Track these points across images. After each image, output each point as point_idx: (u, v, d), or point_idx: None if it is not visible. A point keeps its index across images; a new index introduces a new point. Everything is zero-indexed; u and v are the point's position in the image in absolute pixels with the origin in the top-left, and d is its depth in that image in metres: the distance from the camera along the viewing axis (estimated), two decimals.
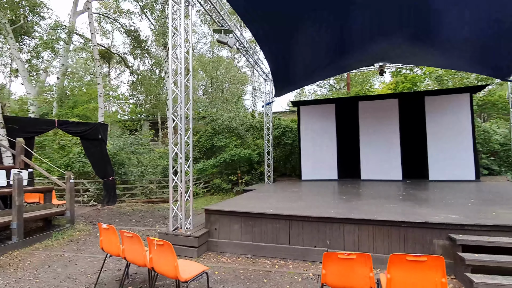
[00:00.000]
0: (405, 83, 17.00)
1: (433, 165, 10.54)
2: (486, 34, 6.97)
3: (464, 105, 10.35)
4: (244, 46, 8.58)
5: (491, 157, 12.97)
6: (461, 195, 7.07)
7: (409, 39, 7.73)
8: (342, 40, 7.46)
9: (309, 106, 12.21)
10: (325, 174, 11.43)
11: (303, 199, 6.81)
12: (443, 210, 5.08)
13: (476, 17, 6.51)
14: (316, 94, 24.45)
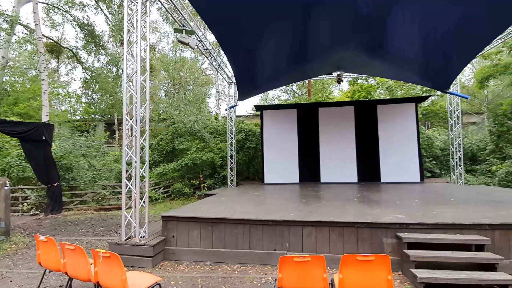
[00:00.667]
0: (361, 92, 18.19)
1: (384, 169, 11.36)
2: (427, 50, 7.76)
3: (410, 114, 11.36)
4: (207, 48, 8.44)
5: (433, 161, 14.38)
6: (408, 196, 7.69)
7: (363, 50, 8.28)
8: (302, 47, 7.71)
9: (272, 110, 12.42)
10: (287, 178, 11.66)
11: (265, 203, 6.84)
12: (392, 210, 5.46)
13: (418, 34, 7.21)
14: (280, 99, 25.03)
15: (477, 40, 7.52)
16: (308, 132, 11.82)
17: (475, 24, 6.62)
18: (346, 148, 11.56)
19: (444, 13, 6.39)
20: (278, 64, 8.62)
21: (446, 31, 6.89)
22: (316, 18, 6.63)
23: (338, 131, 11.64)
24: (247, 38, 7.01)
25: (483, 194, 7.72)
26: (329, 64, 9.93)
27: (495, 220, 4.40)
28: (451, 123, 11.13)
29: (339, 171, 11.50)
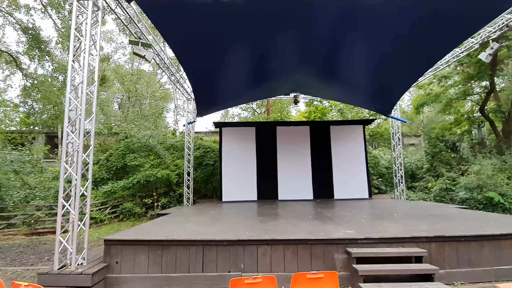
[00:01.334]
0: (316, 113, 19.28)
1: (337, 186, 11.96)
2: (371, 79, 8.64)
3: (359, 135, 12.31)
4: (165, 62, 8.26)
5: (379, 179, 15.57)
6: (358, 212, 8.14)
7: (316, 75, 8.89)
8: (261, 68, 7.98)
9: (231, 128, 12.46)
10: (245, 195, 11.58)
11: (221, 222, 6.65)
12: (343, 226, 5.69)
13: (364, 66, 8.01)
14: (240, 117, 25.29)
15: (412, 73, 8.59)
16: (266, 150, 12.03)
17: (410, 60, 7.59)
18: (302, 166, 11.97)
19: (384, 51, 7.24)
20: (237, 83, 8.77)
21: (387, 65, 7.78)
22: (274, 42, 6.97)
23: (295, 150, 12.05)
24: (207, 56, 7.05)
25: (421, 209, 8.51)
26: (287, 85, 10.41)
27: (431, 233, 4.83)
28: (393, 144, 12.29)
29: (296, 189, 11.79)
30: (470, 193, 10.55)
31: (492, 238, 4.77)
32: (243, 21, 6.10)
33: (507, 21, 7.06)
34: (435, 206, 9.18)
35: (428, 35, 6.61)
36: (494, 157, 12.80)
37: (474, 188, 10.61)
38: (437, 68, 9.75)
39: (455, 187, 11.53)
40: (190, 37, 6.34)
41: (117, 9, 5.98)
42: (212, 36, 6.33)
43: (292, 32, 6.60)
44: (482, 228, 5.27)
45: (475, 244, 4.72)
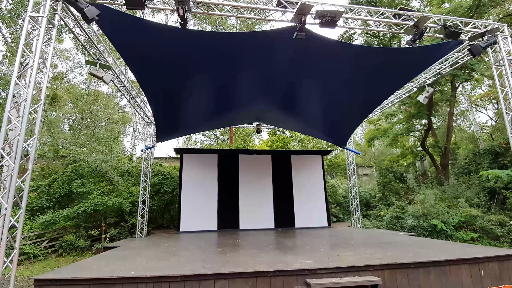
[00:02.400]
0: (278, 142, 19.85)
1: (298, 215, 12.05)
2: (328, 114, 9.32)
3: (318, 165, 12.82)
4: (124, 85, 7.98)
5: (337, 207, 16.11)
6: (317, 240, 8.21)
7: (277, 108, 9.31)
8: (224, 98, 8.13)
9: (193, 154, 12.16)
10: (205, 225, 11.06)
11: (177, 255, 6.18)
12: (303, 256, 5.65)
13: (321, 102, 8.65)
14: (204, 144, 24.94)
15: (362, 111, 9.48)
16: (228, 178, 11.85)
17: (360, 99, 8.41)
18: (264, 195, 11.94)
19: (337, 92, 7.97)
20: (200, 111, 8.79)
21: (341, 103, 8.50)
22: (236, 77, 7.24)
23: (257, 178, 12.06)
24: (169, 83, 7.02)
25: (375, 236, 8.89)
26: (250, 115, 10.69)
27: (384, 261, 5.01)
28: (349, 174, 12.98)
29: (258, 218, 11.62)
30: (417, 221, 11.35)
31: (437, 264, 5.09)
32: (207, 57, 6.29)
33: (439, 70, 8.25)
34: (387, 234, 9.66)
35: (375, 79, 7.44)
36: (435, 187, 14.15)
37: (420, 216, 11.46)
38: (384, 106, 10.82)
39: (404, 215, 12.35)
40: (152, 63, 6.31)
41: (75, 28, 5.76)
42: (175, 65, 6.38)
43: (254, 70, 6.95)
44: (428, 254, 5.61)
45: (423, 270, 4.98)
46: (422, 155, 18.40)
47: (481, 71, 14.11)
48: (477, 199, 12.10)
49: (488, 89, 20.69)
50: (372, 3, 13.77)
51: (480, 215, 10.72)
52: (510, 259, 5.46)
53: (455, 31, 6.04)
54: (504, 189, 11.61)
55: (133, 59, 6.28)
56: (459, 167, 15.96)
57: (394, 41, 14.35)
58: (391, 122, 18.60)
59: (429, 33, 6.33)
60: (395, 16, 6.09)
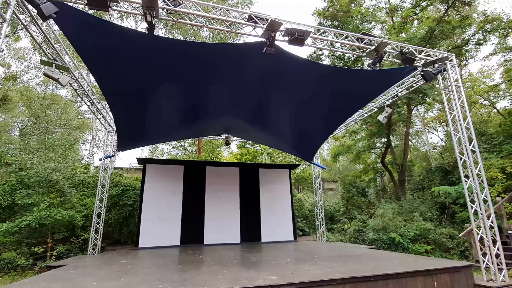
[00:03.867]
0: (248, 155, 19.82)
1: (264, 229, 11.93)
2: (296, 129, 9.54)
3: (285, 179, 12.95)
4: (84, 89, 7.47)
5: (303, 221, 16.27)
6: (282, 255, 8.13)
7: (247, 121, 9.33)
8: (192, 109, 7.96)
9: (157, 165, 11.60)
10: (166, 240, 10.46)
11: (131, 274, 5.70)
12: (266, 271, 5.52)
13: (290, 118, 8.85)
14: (170, 154, 24.09)
15: (328, 127, 9.85)
16: (194, 190, 11.45)
17: (325, 116, 8.75)
18: (230, 209, 11.69)
19: (303, 109, 8.23)
20: (166, 121, 8.49)
21: (309, 119, 8.76)
22: (206, 89, 7.17)
23: (224, 191, 11.80)
24: (133, 90, 6.72)
25: (338, 250, 9.04)
26: (219, 127, 10.57)
27: (346, 274, 5.06)
28: (315, 188, 13.26)
29: (223, 232, 11.29)
30: (377, 234, 11.82)
31: (395, 276, 5.26)
32: (176, 66, 6.16)
33: (396, 92, 8.90)
34: (349, 247, 9.89)
35: (340, 98, 7.82)
36: (394, 202, 14.97)
37: (380, 229, 11.96)
38: (348, 124, 11.36)
39: (366, 228, 12.81)
40: (116, 68, 6.01)
41: (30, 26, 5.30)
42: (141, 71, 6.14)
43: (224, 82, 6.95)
44: (387, 267, 5.79)
45: (382, 282, 5.11)
46: (382, 171, 19.49)
47: (432, 96, 15.55)
48: (430, 213, 12.99)
49: (439, 113, 22.81)
50: (338, 27, 14.68)
51: (433, 229, 11.47)
52: (460, 270, 5.83)
53: (410, 57, 6.60)
54: (453, 204, 12.60)
55: (95, 62, 5.92)
56: (414, 183, 17.13)
57: (358, 64, 15.34)
58: (355, 139, 19.59)
59: (388, 58, 6.84)
60: (358, 40, 6.50)
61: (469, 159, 6.44)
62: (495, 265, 5.85)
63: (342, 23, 14.94)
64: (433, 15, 15.49)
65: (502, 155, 12.01)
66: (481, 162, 6.48)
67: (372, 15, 15.82)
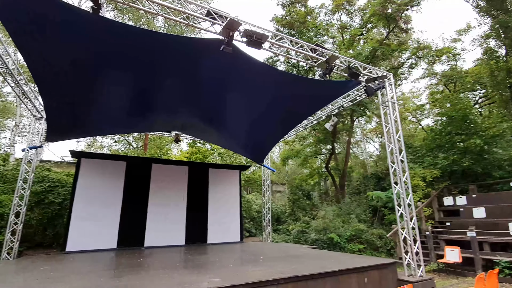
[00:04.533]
0: (198, 154, 19.29)
1: (211, 230, 11.69)
2: (248, 131, 9.60)
3: (236, 180, 12.92)
4: (8, 67, 6.38)
5: (251, 222, 16.44)
6: (228, 256, 8.06)
7: (200, 119, 9.06)
8: (139, 101, 7.42)
9: (94, 160, 10.47)
10: (100, 243, 9.51)
11: (52, 282, 5.00)
12: (210, 274, 5.39)
13: (243, 119, 8.87)
14: (112, 149, 22.11)
15: (280, 131, 10.14)
16: (136, 189, 10.65)
17: (277, 121, 9.00)
18: (176, 209, 11.19)
19: (257, 112, 8.34)
20: (108, 110, 7.73)
21: (262, 122, 8.89)
22: (159, 80, 6.74)
23: (170, 191, 11.24)
24: (71, 74, 5.97)
25: (282, 250, 9.33)
26: (168, 123, 10.06)
27: (288, 274, 5.22)
28: (264, 190, 13.52)
29: (167, 233, 10.73)
30: (318, 235, 12.56)
31: (332, 274, 5.62)
32: (123, 52, 5.68)
33: (342, 103, 9.60)
34: (293, 247, 10.30)
35: (292, 104, 8.11)
36: (334, 204, 16.11)
37: (321, 230, 12.73)
38: (298, 129, 11.86)
39: (309, 229, 13.51)
40: (51, 47, 5.27)
41: None
42: (81, 53, 5.49)
43: (177, 77, 6.64)
44: (325, 266, 6.15)
45: (321, 280, 5.40)
46: (326, 176, 20.84)
47: (372, 109, 17.22)
48: (364, 216, 14.30)
49: (376, 125, 25.35)
50: (295, 36, 15.30)
51: (366, 229, 12.63)
52: (387, 267, 6.50)
53: (356, 72, 7.18)
54: (383, 208, 14.06)
55: (23, 36, 5.09)
56: (352, 187, 18.70)
57: (310, 74, 16.19)
58: (303, 145, 20.59)
59: (337, 70, 7.33)
60: (311, 50, 6.82)
61: (399, 168, 7.24)
62: (415, 262, 6.66)
63: (298, 32, 15.61)
64: (376, 37, 17.22)
65: (423, 165, 13.84)
66: (408, 171, 7.35)
67: (325, 29, 16.88)
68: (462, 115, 13.44)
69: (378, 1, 14.56)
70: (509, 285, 7.36)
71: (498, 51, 15.17)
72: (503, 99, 14.90)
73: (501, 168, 12.52)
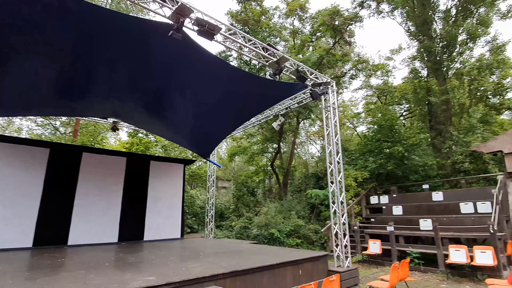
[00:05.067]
0: (139, 146, 17.99)
1: (149, 226, 11.02)
2: (196, 125, 9.33)
3: (179, 174, 12.40)
4: None
5: (193, 218, 16.06)
6: (166, 253, 7.70)
7: (144, 107, 8.44)
8: (71, 80, 6.58)
9: (9, 144, 8.85)
10: (11, 242, 8.15)
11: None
12: (145, 272, 5.08)
13: (191, 113, 8.57)
14: (33, 133, 19.12)
15: (228, 127, 10.09)
16: (62, 180, 9.40)
17: (226, 117, 8.94)
18: (110, 203, 10.24)
19: (209, 104, 8.17)
20: (27, 88, 6.67)
21: (210, 116, 8.72)
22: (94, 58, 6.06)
23: (103, 183, 10.21)
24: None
25: (224, 246, 9.33)
26: (105, 108, 9.13)
27: (227, 269, 5.22)
28: (208, 185, 13.31)
29: (97, 230, 9.75)
30: (260, 230, 12.91)
31: (270, 268, 5.82)
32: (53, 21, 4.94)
33: (289, 104, 9.99)
34: (234, 243, 10.38)
35: (242, 100, 8.14)
36: (277, 201, 16.74)
37: (263, 226, 13.11)
38: (246, 126, 11.97)
39: (251, 225, 13.79)
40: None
41: None
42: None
43: (119, 58, 6.07)
44: (264, 260, 6.34)
45: (259, 274, 5.55)
46: (271, 173, 21.52)
47: (316, 113, 18.35)
48: (303, 212, 15.19)
49: (319, 128, 27.13)
50: (248, 33, 15.37)
51: (304, 225, 13.43)
52: (319, 259, 7.00)
53: (303, 76, 7.53)
54: (320, 205, 15.14)
55: None
56: (294, 185, 19.70)
57: (261, 73, 16.46)
58: (251, 142, 20.88)
59: (286, 72, 7.58)
60: (264, 49, 6.92)
61: (335, 168, 7.86)
62: (343, 254, 7.31)
63: (252, 31, 15.72)
64: (324, 46, 18.40)
65: (356, 167, 15.32)
66: (343, 171, 8.04)
67: (278, 32, 17.36)
68: (390, 125, 15.29)
69: (327, 12, 15.54)
70: (418, 273, 8.62)
71: (421, 72, 17.63)
72: (422, 114, 17.38)
73: (416, 173, 14.61)
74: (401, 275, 5.63)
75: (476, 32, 15.03)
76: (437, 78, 15.67)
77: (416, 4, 16.50)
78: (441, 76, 15.76)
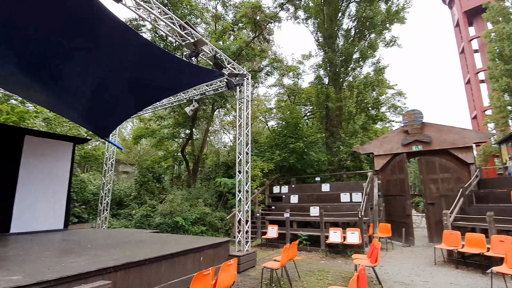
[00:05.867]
0: (12, 115, 14.28)
1: (19, 216, 8.98)
2: (95, 98, 7.99)
3: (67, 154, 10.48)
4: None
5: (83, 206, 13.97)
6: (40, 248, 6.44)
7: (21, 69, 6.66)
8: None
9: None
10: None
11: None
12: (7, 271, 4.10)
13: (90, 82, 7.28)
14: None
15: (135, 105, 9.08)
16: None
17: (137, 93, 8.02)
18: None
19: (112, 76, 7.11)
20: None
21: (113, 90, 7.62)
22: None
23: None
24: None
25: (119, 236, 8.47)
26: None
27: (119, 261, 4.76)
28: (105, 169, 11.77)
29: None
30: (163, 219, 12.30)
31: (169, 257, 5.61)
32: None
33: (205, 91, 9.75)
34: (132, 233, 9.57)
35: (153, 78, 7.42)
36: (185, 189, 16.28)
37: (167, 214, 12.54)
38: (156, 107, 11.09)
39: (154, 213, 12.99)
40: None
41: None
42: None
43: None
44: (163, 249, 6.07)
45: (155, 264, 5.28)
46: (181, 160, 20.73)
47: (231, 103, 18.58)
48: (211, 200, 15.30)
49: (233, 119, 27.67)
50: (167, 6, 14.11)
51: (210, 213, 13.55)
52: (221, 245, 7.19)
53: (220, 64, 7.44)
54: (228, 193, 15.56)
55: None
56: (204, 173, 19.60)
57: (178, 52, 15.44)
58: (161, 125, 19.51)
59: (203, 57, 7.33)
60: (180, 27, 6.45)
61: (244, 159, 8.18)
62: (244, 239, 7.74)
63: (171, 4, 14.49)
64: (244, 38, 18.66)
65: (264, 159, 16.40)
66: (250, 162, 8.44)
67: (200, 12, 16.58)
68: (295, 123, 16.94)
69: (250, 5, 15.78)
70: (305, 252, 9.92)
71: (324, 79, 20.09)
72: (321, 116, 19.91)
73: (312, 167, 16.77)
74: (291, 255, 6.37)
75: (366, 54, 18.12)
76: (335, 87, 18.21)
77: (326, 18, 18.59)
78: (338, 85, 18.39)
